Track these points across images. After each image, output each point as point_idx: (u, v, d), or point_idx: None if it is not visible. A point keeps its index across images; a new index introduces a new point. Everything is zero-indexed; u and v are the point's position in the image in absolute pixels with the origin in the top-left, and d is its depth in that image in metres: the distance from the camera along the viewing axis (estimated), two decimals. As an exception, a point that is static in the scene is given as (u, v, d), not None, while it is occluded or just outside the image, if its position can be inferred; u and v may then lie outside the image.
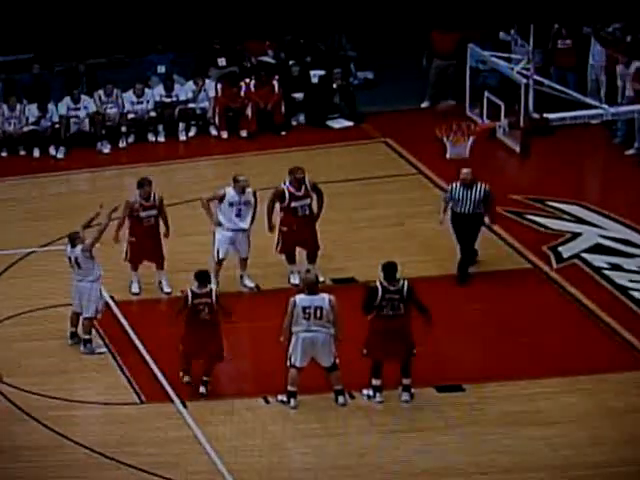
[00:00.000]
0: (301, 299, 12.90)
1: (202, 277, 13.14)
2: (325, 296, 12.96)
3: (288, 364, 13.01)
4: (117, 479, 12.12)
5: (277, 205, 14.86)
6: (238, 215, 14.82)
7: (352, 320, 13.46)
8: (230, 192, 14.81)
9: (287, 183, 14.87)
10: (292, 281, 15.14)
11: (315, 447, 12.58)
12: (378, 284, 13.01)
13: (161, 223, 14.94)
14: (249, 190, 14.83)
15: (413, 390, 13.21)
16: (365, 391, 13.22)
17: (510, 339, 14.15)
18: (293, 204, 14.79)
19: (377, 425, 12.89)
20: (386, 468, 12.28)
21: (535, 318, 14.54)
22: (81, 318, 14.01)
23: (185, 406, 13.14)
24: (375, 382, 13.16)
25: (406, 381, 13.17)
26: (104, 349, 14.05)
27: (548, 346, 14.00)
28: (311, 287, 12.99)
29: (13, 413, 13.04)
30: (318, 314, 12.83)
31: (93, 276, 13.84)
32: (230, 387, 13.44)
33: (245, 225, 14.84)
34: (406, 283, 13.02)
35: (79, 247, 13.85)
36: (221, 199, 14.82)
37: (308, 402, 13.19)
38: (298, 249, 15.13)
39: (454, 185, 15.04)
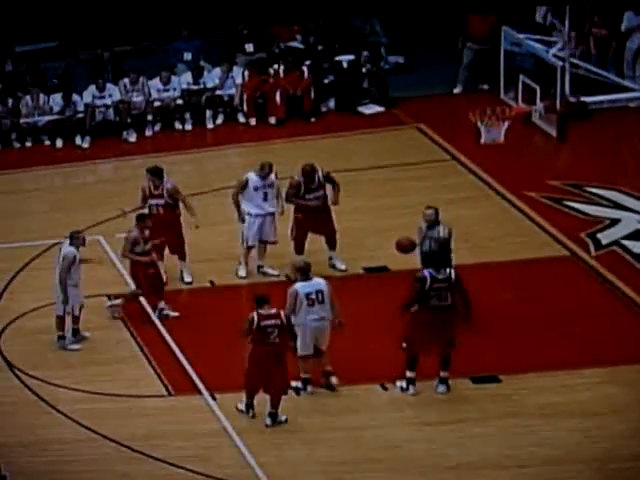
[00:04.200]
0: (302, 286, 12.59)
1: (263, 300, 12.45)
2: (321, 280, 12.73)
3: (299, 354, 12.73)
4: (145, 473, 11.93)
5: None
6: (265, 199, 14.61)
7: (386, 310, 13.28)
8: (252, 177, 14.56)
9: (300, 176, 14.65)
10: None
11: (347, 440, 12.35)
12: (426, 273, 12.62)
13: (182, 213, 14.57)
14: (272, 175, 14.60)
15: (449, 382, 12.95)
16: (398, 383, 12.95)
17: (548, 328, 13.89)
18: (307, 196, 14.60)
19: (411, 417, 12.68)
20: (421, 461, 12.06)
21: (573, 307, 14.28)
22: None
23: (214, 398, 12.93)
24: (410, 374, 12.90)
25: (444, 374, 12.91)
26: (79, 346, 13.72)
27: (587, 335, 13.74)
28: (306, 272, 12.68)
29: (39, 406, 12.89)
30: (320, 298, 12.56)
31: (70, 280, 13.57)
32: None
33: (273, 209, 14.64)
34: (453, 271, 12.67)
35: (70, 249, 13.57)
36: (244, 186, 14.52)
37: (339, 394, 12.94)
38: (312, 239, 14.83)
39: (422, 222, 13.77)
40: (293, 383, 12.79)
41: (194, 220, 14.59)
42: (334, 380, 12.85)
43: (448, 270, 12.65)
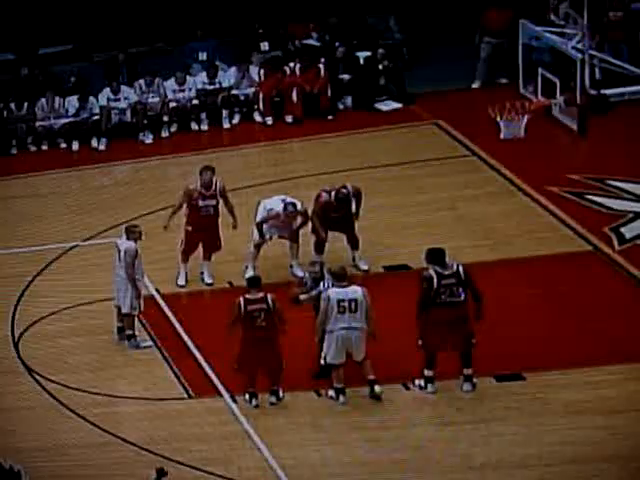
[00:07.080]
0: (336, 292, 12.44)
1: (254, 282, 12.64)
2: (358, 288, 12.52)
3: (322, 362, 12.63)
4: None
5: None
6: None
7: (406, 309, 13.14)
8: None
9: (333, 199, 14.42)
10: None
11: (369, 440, 12.27)
12: (431, 271, 12.51)
13: (225, 213, 14.42)
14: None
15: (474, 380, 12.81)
16: (417, 381, 12.82)
17: (572, 325, 13.77)
18: (333, 214, 14.41)
19: (434, 417, 12.57)
20: (444, 461, 11.95)
21: (597, 302, 14.15)
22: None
23: (235, 400, 12.85)
24: (428, 373, 12.79)
25: (467, 371, 12.79)
26: (150, 342, 13.76)
27: (611, 331, 13.60)
28: (341, 278, 12.52)
29: (58, 410, 12.84)
30: (353, 307, 12.38)
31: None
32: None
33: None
34: (461, 266, 12.55)
35: (130, 244, 13.45)
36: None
37: (361, 394, 12.81)
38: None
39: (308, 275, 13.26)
40: (329, 392, 12.67)
41: (233, 220, 14.44)
42: (377, 389, 12.67)
43: (455, 265, 12.53)
